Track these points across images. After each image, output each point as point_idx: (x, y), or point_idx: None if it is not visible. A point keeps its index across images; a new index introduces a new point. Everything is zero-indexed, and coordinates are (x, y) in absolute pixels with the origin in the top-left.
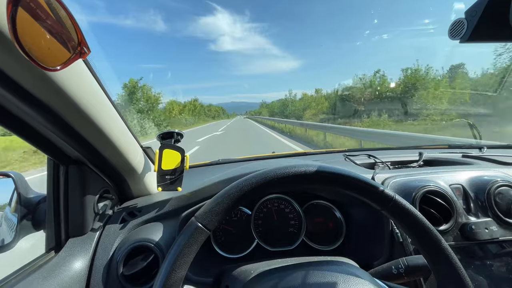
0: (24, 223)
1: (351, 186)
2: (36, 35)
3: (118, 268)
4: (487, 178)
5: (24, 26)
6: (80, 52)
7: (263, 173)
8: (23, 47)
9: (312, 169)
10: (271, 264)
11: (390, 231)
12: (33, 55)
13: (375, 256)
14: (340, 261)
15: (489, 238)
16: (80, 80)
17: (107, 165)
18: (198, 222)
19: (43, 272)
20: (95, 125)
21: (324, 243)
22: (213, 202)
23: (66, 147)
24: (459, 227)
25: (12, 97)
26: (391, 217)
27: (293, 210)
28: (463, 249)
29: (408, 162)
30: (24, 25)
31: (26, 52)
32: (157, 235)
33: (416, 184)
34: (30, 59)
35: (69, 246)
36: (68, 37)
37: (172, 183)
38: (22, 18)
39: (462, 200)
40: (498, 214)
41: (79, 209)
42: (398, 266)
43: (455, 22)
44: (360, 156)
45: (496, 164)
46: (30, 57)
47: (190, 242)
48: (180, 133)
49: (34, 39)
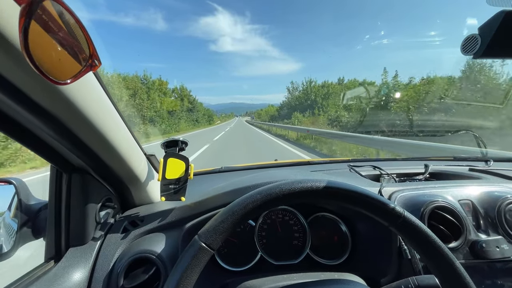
0: (24, 230)
1: (359, 202)
2: (47, 48)
3: (119, 281)
4: (498, 194)
5: (36, 38)
6: (91, 65)
7: (268, 189)
8: (33, 60)
9: (319, 184)
10: (276, 280)
11: (398, 247)
12: (43, 68)
13: (382, 272)
14: (348, 279)
15: (501, 257)
16: (89, 92)
17: (110, 173)
18: (202, 241)
19: (42, 282)
20: (100, 134)
21: (329, 257)
22: (217, 220)
23: (69, 155)
24: (469, 244)
25: (20, 108)
26: (400, 234)
27: (298, 222)
28: (473, 268)
29: (414, 174)
30: (35, 38)
31: (36, 65)
32: (159, 246)
33: (425, 199)
34: (40, 72)
35: (69, 256)
36: (79, 49)
37: (175, 193)
38: (34, 30)
39: (471, 216)
40: (509, 232)
41: (80, 218)
42: (408, 285)
43: (468, 38)
44: (365, 167)
45: (505, 179)
46: (40, 71)
47: (193, 263)
48: (184, 141)
49: (44, 51)
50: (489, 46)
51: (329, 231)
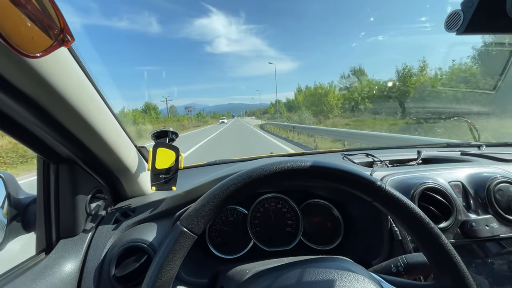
0: (14, 224)
1: (340, 178)
2: (15, 21)
3: (110, 270)
4: (487, 175)
5: (2, 11)
6: (63, 40)
7: (248, 171)
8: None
9: (300, 164)
10: (267, 263)
11: (389, 229)
12: (12, 42)
13: (374, 254)
14: (336, 257)
15: (490, 235)
16: (65, 71)
17: (99, 164)
18: (183, 226)
19: (32, 274)
20: (84, 121)
21: (322, 243)
22: (198, 205)
23: (55, 144)
24: (459, 224)
25: (1, 94)
26: (383, 208)
27: (290, 210)
28: (463, 247)
29: (407, 160)
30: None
31: (4, 38)
32: (150, 235)
33: (415, 182)
34: (9, 45)
35: (60, 247)
36: (49, 24)
37: (166, 183)
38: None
39: (461, 197)
40: (499, 211)
41: (70, 210)
42: (397, 264)
43: (451, 14)
44: (358, 155)
45: (495, 161)
46: (8, 43)
47: (175, 248)
48: (174, 132)
49: (13, 25)
50: (471, 22)
51: (322, 217)
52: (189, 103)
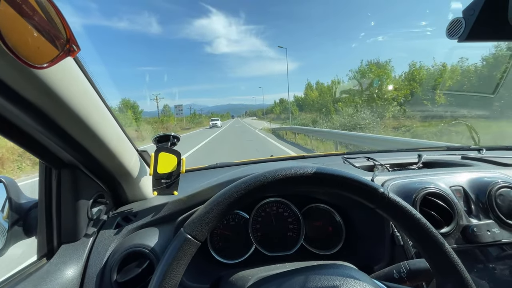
0: (15, 229)
1: (343, 185)
2: (22, 32)
3: (112, 275)
4: (488, 180)
5: (9, 22)
6: (69, 50)
7: (252, 178)
8: (7, 44)
9: (303, 170)
10: (269, 269)
11: (390, 234)
12: (18, 53)
13: (376, 259)
14: (339, 264)
15: (492, 240)
16: (70, 80)
17: (101, 168)
18: (187, 233)
19: (33, 280)
20: (87, 127)
21: (324, 248)
22: (202, 211)
23: (57, 150)
24: (461, 229)
25: (3, 101)
26: (386, 215)
27: (292, 214)
28: (465, 252)
29: (407, 164)
30: (9, 22)
31: (10, 49)
32: (152, 240)
33: (416, 186)
34: (16, 56)
35: (61, 252)
36: (56, 34)
37: (168, 187)
38: (7, 13)
39: (463, 202)
40: (500, 216)
41: (72, 214)
42: (400, 270)
43: (453, 22)
44: (359, 159)
45: (496, 165)
46: (15, 55)
47: (179, 255)
48: (176, 136)
49: (20, 36)
50: (473, 29)
51: (324, 221)
52: (189, 103)
